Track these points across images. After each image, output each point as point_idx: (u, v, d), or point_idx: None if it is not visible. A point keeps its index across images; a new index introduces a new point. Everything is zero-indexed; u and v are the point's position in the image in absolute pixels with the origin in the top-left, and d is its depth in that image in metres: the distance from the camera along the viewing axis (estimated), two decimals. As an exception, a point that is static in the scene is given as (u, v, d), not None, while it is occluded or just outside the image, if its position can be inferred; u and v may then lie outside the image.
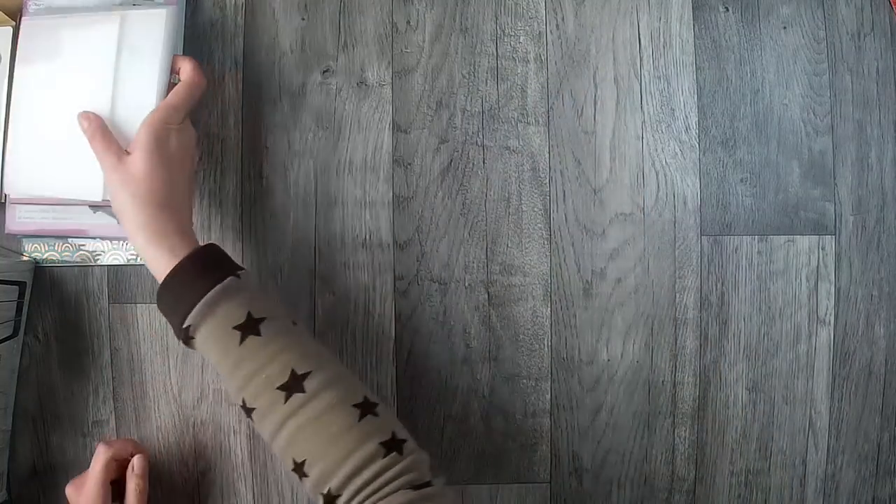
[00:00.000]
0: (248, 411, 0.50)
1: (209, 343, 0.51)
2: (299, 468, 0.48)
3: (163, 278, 0.52)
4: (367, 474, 0.47)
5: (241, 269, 0.53)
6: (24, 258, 0.65)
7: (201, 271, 0.51)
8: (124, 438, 0.64)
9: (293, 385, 0.49)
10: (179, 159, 0.56)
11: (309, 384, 0.49)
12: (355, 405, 0.49)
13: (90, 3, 0.63)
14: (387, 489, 0.47)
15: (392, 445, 0.48)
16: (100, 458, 0.59)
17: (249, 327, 0.50)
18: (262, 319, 0.50)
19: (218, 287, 0.50)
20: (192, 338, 0.51)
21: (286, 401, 0.48)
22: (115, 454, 0.59)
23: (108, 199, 0.59)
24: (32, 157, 0.62)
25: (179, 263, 0.51)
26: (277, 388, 0.49)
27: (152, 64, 0.60)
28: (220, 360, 0.51)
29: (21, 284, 0.63)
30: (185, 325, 0.50)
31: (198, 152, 0.63)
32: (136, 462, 0.60)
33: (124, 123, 0.59)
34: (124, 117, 0.60)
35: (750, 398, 0.66)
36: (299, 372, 0.49)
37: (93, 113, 0.58)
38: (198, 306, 0.50)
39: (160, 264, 0.52)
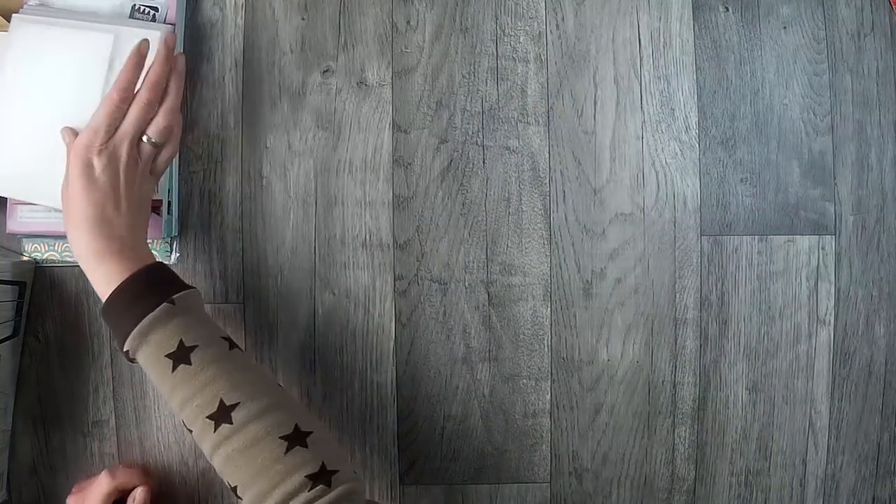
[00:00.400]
0: (188, 430, 0.51)
1: (147, 367, 0.52)
2: (234, 490, 0.49)
3: (103, 302, 0.53)
4: None
5: (184, 289, 0.53)
6: (24, 258, 0.65)
7: (137, 297, 0.52)
8: (132, 469, 0.64)
9: (221, 416, 0.49)
10: (109, 180, 0.54)
11: (237, 415, 0.49)
12: (283, 437, 0.49)
13: (88, 6, 0.63)
14: None
15: (319, 477, 0.48)
16: (102, 487, 0.59)
17: (180, 356, 0.50)
18: (193, 348, 0.51)
19: (150, 315, 0.51)
20: (133, 360, 0.53)
21: (215, 430, 0.49)
22: (118, 486, 0.60)
23: None
24: (16, 160, 0.62)
25: (117, 288, 0.52)
26: (207, 418, 0.49)
27: (142, 81, 0.60)
28: (158, 384, 0.52)
29: (21, 284, 0.63)
30: (124, 350, 0.52)
31: (158, 167, 0.59)
32: (138, 494, 0.61)
33: None
34: None
35: (750, 398, 0.66)
36: (227, 403, 0.49)
37: (74, 130, 0.58)
38: (131, 335, 0.51)
39: (99, 288, 0.53)
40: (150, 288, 0.52)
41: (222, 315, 0.66)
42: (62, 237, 0.65)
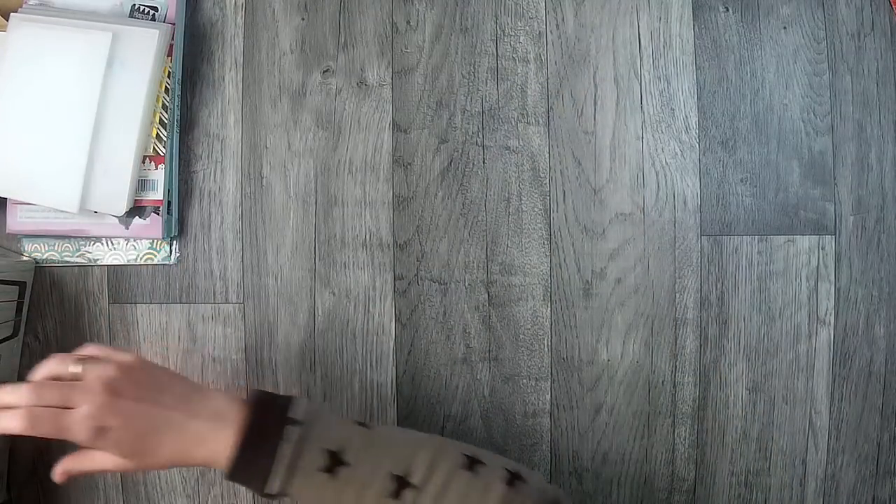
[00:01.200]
0: None
1: (306, 490, 0.49)
2: None
3: (228, 458, 0.48)
4: None
5: (287, 402, 0.50)
6: (24, 258, 0.65)
7: (258, 442, 0.48)
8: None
9: (401, 486, 0.48)
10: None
11: (415, 478, 0.49)
12: (463, 466, 0.50)
13: (88, 6, 0.63)
14: None
15: (513, 479, 0.50)
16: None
17: (334, 462, 0.48)
18: (342, 450, 0.49)
19: (283, 445, 0.47)
20: (285, 495, 0.49)
21: (401, 502, 0.48)
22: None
23: (86, 209, 0.60)
24: (16, 160, 0.62)
25: (236, 447, 0.48)
26: (388, 498, 0.48)
27: (141, 80, 0.61)
28: (322, 498, 0.49)
29: (21, 284, 0.63)
30: (275, 493, 0.48)
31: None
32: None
33: (108, 136, 0.61)
34: (109, 130, 0.61)
35: (750, 398, 0.66)
36: (399, 473, 0.49)
37: None
38: (275, 473, 0.47)
39: (217, 457, 0.49)
40: (266, 422, 0.49)
41: (222, 315, 0.66)
42: (62, 237, 0.65)
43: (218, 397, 0.50)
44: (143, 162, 0.63)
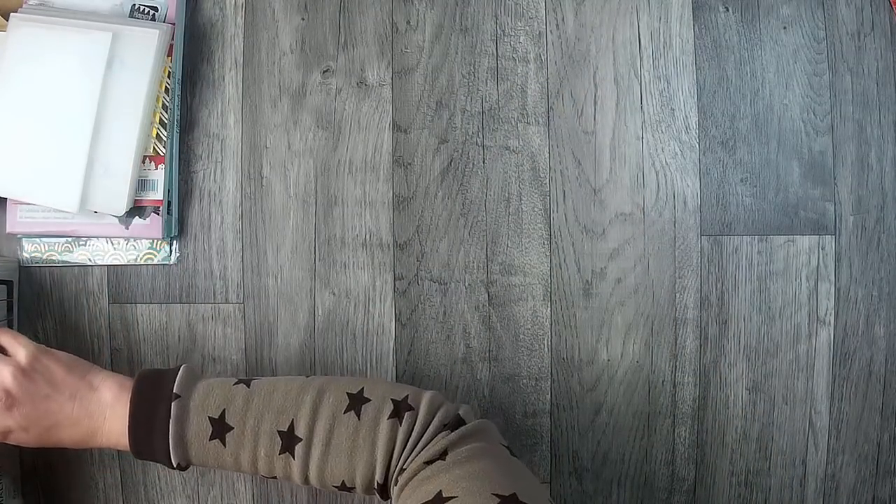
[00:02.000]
0: (275, 478, 0.52)
1: (205, 462, 0.52)
2: (343, 488, 0.50)
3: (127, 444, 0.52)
4: (398, 451, 0.48)
5: (172, 375, 0.52)
6: (6, 257, 0.65)
7: (148, 420, 0.51)
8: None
9: (289, 443, 0.50)
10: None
11: (300, 430, 0.50)
12: (346, 409, 0.50)
13: (87, 6, 0.63)
14: (423, 448, 0.48)
15: (399, 411, 0.49)
16: None
17: (220, 429, 0.50)
18: (223, 412, 0.51)
19: (171, 421, 0.50)
20: (190, 464, 0.52)
21: (295, 457, 0.50)
22: None
23: (86, 209, 0.61)
24: (16, 160, 0.62)
25: (129, 430, 0.51)
26: (279, 455, 0.50)
27: (141, 80, 0.61)
28: (222, 465, 0.52)
29: (8, 283, 0.63)
30: (177, 464, 0.51)
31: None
32: None
33: (108, 136, 0.61)
34: (109, 130, 0.61)
35: (750, 398, 0.66)
36: (284, 429, 0.50)
37: None
38: (172, 449, 0.50)
39: (117, 440, 0.52)
40: (150, 404, 0.51)
41: (222, 315, 0.66)
42: (62, 237, 0.65)
43: (107, 387, 0.53)
44: (143, 162, 0.63)
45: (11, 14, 0.61)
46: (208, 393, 0.52)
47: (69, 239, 0.65)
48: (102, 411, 0.52)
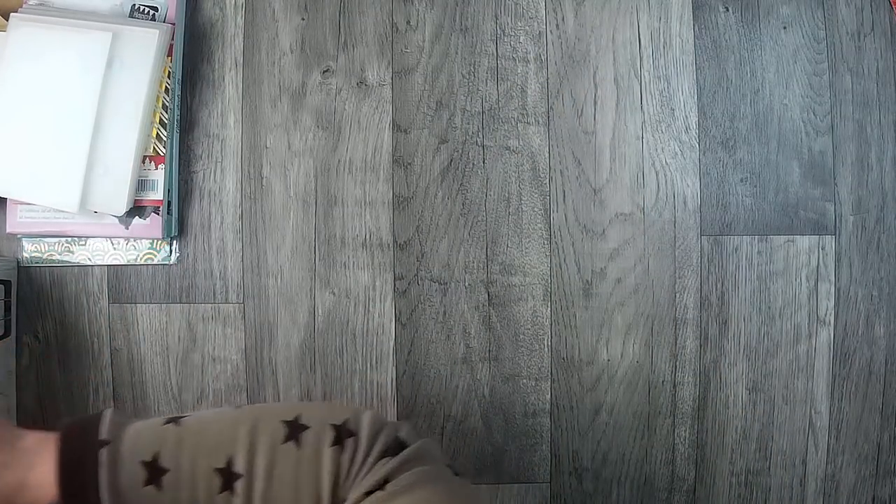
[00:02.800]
0: None
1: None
2: None
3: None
4: (342, 480, 0.46)
5: (97, 421, 0.49)
6: (4, 256, 0.65)
7: (77, 470, 0.47)
8: None
9: (228, 480, 0.47)
10: None
11: (239, 465, 0.47)
12: (285, 439, 0.48)
13: (87, 6, 0.63)
14: (364, 477, 0.46)
15: (340, 437, 0.47)
16: None
17: (154, 473, 0.47)
18: (156, 455, 0.47)
19: (103, 470, 0.46)
20: None
21: (234, 493, 0.47)
22: None
23: (86, 209, 0.60)
24: (16, 160, 0.62)
25: (58, 485, 0.46)
26: (219, 495, 0.47)
27: (141, 80, 0.61)
28: None
29: (6, 283, 0.63)
30: None
31: None
32: None
33: (108, 136, 0.61)
34: (109, 130, 0.61)
35: (750, 398, 0.66)
36: (222, 466, 0.47)
37: None
38: (105, 499, 0.46)
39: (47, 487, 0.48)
40: (78, 452, 0.47)
41: (222, 315, 0.66)
42: (62, 237, 0.65)
43: (28, 443, 0.49)
44: (143, 162, 0.63)
45: (11, 14, 0.61)
46: (138, 436, 0.49)
47: (69, 239, 0.65)
48: (29, 460, 0.48)
